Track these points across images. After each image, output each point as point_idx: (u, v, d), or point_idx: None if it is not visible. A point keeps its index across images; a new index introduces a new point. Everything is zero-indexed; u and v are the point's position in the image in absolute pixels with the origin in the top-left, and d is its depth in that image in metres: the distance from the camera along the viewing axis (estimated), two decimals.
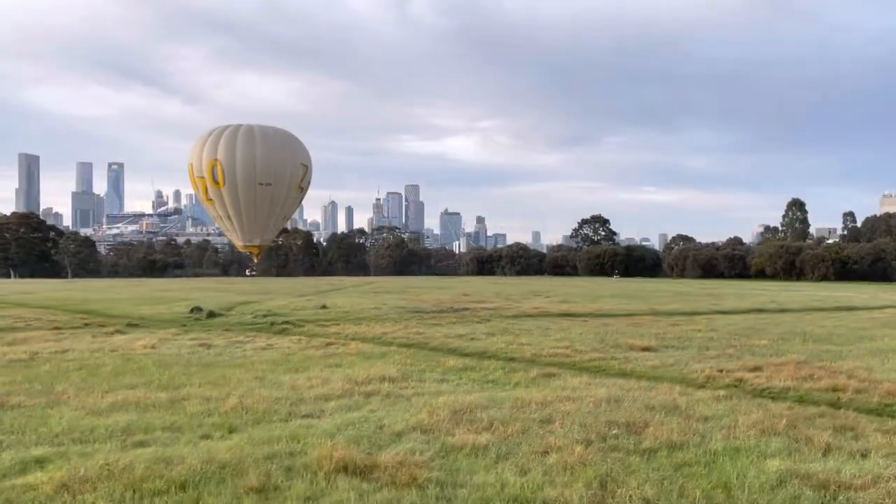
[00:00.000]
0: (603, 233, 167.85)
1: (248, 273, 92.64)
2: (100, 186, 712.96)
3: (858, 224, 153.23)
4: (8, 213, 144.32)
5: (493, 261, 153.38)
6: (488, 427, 10.87)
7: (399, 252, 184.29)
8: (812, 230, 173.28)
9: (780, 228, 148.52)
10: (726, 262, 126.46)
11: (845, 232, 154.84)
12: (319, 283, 70.87)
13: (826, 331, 26.30)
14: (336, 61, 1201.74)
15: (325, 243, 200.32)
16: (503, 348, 20.91)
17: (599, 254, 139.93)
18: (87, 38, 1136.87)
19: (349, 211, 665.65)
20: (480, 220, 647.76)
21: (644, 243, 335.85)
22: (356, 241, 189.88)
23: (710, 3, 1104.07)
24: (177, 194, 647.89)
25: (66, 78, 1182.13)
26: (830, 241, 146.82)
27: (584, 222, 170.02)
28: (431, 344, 22.08)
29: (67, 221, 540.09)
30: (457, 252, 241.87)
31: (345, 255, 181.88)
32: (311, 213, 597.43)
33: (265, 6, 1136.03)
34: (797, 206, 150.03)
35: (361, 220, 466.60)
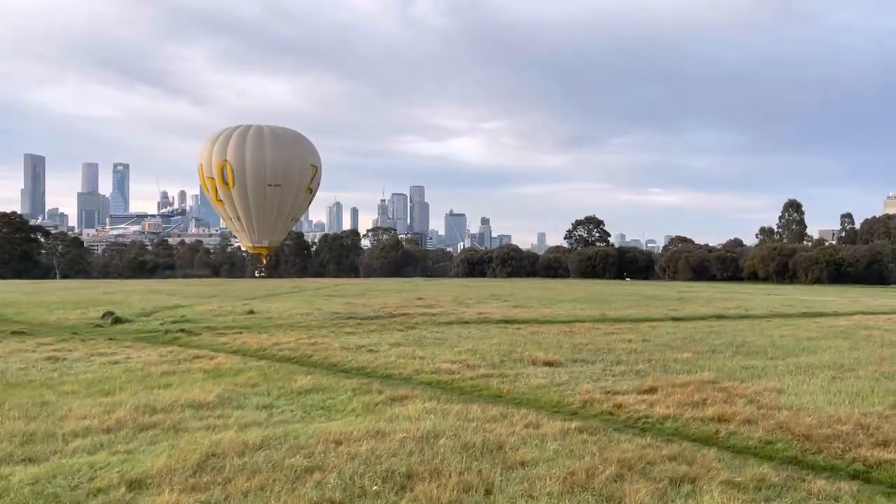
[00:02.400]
0: (597, 234, 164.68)
1: (257, 274, 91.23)
2: (105, 187, 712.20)
3: (857, 225, 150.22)
4: None
5: (485, 262, 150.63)
6: (227, 480, 8.64)
7: (395, 253, 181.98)
8: (816, 232, 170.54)
9: (775, 230, 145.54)
10: (718, 264, 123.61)
11: (843, 234, 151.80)
12: (283, 285, 68.69)
13: (769, 341, 23.95)
14: (339, 62, 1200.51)
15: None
16: (391, 363, 18.71)
17: (591, 255, 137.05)
18: (91, 39, 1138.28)
19: (354, 212, 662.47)
20: (485, 221, 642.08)
21: (650, 245, 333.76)
22: (349, 241, 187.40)
23: (712, 3, 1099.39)
24: (182, 195, 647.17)
25: (70, 79, 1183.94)
26: (828, 243, 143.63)
27: (578, 223, 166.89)
28: (314, 358, 19.86)
29: (73, 222, 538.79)
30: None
31: (336, 257, 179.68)
32: (316, 214, 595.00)
33: (268, 7, 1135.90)
34: (794, 207, 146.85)
35: (367, 221, 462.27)
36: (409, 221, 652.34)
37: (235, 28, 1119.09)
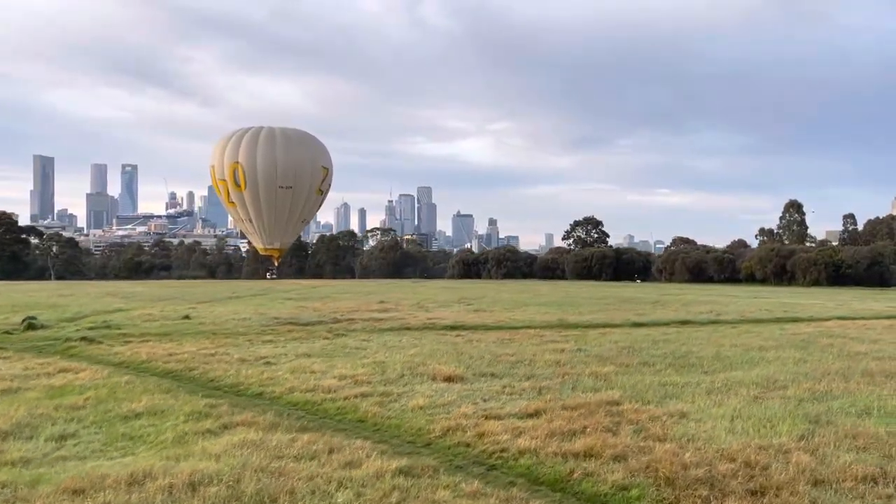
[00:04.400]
0: (595, 235, 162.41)
1: (268, 276, 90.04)
2: (114, 188, 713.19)
3: (860, 226, 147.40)
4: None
5: (480, 263, 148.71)
6: None
7: (394, 254, 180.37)
8: (823, 232, 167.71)
9: (774, 231, 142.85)
10: (716, 266, 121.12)
11: (846, 235, 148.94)
12: (254, 287, 66.74)
13: (715, 351, 21.87)
14: (346, 63, 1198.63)
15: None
16: (272, 379, 16.81)
17: (587, 257, 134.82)
18: (100, 41, 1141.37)
19: (362, 213, 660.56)
20: (493, 222, 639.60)
21: (658, 246, 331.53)
22: (346, 242, 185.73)
23: (715, 3, 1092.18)
24: (190, 196, 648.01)
25: (79, 80, 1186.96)
26: (829, 244, 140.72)
27: (576, 224, 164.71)
28: (195, 372, 17.95)
29: (82, 223, 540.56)
30: None
31: (333, 258, 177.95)
32: (323, 215, 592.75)
33: (276, 9, 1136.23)
34: (795, 208, 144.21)
35: (375, 222, 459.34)
36: (416, 222, 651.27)
37: (244, 30, 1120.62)
